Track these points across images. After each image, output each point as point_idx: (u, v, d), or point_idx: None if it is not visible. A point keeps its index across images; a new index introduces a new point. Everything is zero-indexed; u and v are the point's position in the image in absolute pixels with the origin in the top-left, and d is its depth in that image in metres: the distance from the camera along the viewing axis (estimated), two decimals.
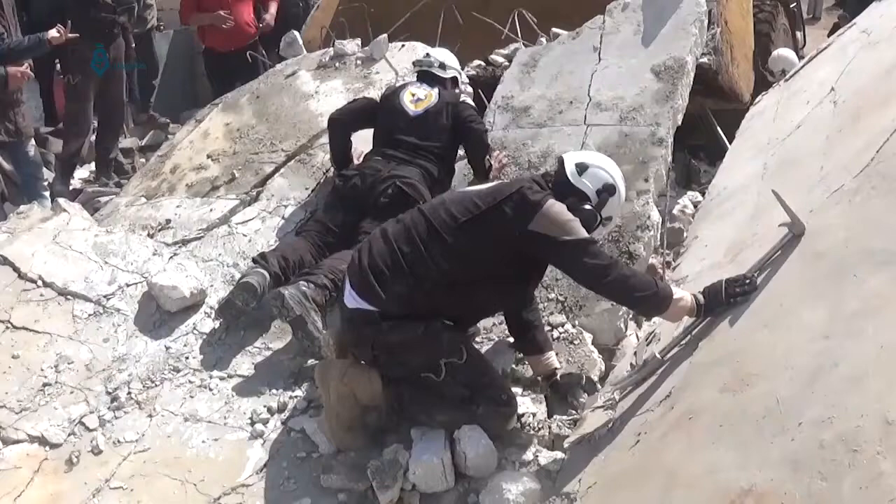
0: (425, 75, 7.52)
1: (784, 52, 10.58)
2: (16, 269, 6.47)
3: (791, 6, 12.87)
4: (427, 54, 7.68)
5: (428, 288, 5.07)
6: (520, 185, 5.20)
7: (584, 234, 4.95)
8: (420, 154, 6.95)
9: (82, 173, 10.55)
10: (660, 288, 4.91)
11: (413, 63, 8.08)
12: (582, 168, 5.28)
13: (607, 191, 5.26)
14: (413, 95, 7.23)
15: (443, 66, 7.49)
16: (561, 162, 5.36)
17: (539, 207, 4.99)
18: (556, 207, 5.00)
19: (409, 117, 7.11)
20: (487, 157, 7.02)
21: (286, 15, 12.15)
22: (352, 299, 5.21)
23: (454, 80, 7.56)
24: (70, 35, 8.46)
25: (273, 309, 6.11)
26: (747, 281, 4.75)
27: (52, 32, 8.25)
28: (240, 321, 6.33)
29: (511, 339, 5.89)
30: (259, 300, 6.24)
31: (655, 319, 5.90)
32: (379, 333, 5.14)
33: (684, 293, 4.92)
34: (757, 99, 8.48)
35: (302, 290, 6.04)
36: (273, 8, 11.69)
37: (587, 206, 5.16)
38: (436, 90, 7.27)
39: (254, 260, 6.51)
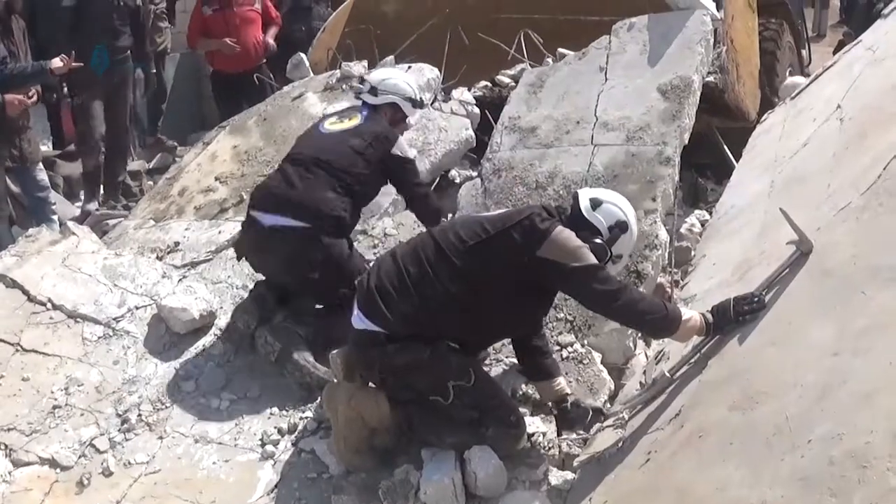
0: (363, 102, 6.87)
1: (797, 80, 10.62)
2: (25, 293, 6.50)
3: (796, 24, 12.88)
4: (361, 77, 7.50)
5: (434, 310, 5.07)
6: (530, 211, 5.20)
7: (592, 260, 4.94)
8: (321, 167, 6.28)
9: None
10: (669, 310, 4.92)
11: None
12: (596, 203, 5.24)
13: (619, 227, 5.23)
14: (336, 119, 6.75)
15: (373, 90, 6.72)
16: (575, 196, 5.35)
17: (548, 234, 4.99)
18: (565, 234, 5.01)
19: (317, 135, 6.61)
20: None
21: (290, 38, 12.19)
22: (359, 320, 5.22)
23: (393, 107, 6.75)
24: (73, 64, 8.48)
25: (260, 349, 6.20)
26: (755, 299, 4.76)
27: (56, 62, 8.23)
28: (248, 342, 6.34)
29: (518, 364, 5.87)
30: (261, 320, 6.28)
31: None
32: (385, 355, 5.14)
33: (693, 313, 4.94)
34: (763, 117, 8.48)
35: (283, 326, 6.14)
36: (272, 31, 11.71)
37: (598, 240, 5.13)
38: (362, 115, 6.64)
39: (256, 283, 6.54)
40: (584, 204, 5.23)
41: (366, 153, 6.32)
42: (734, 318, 4.79)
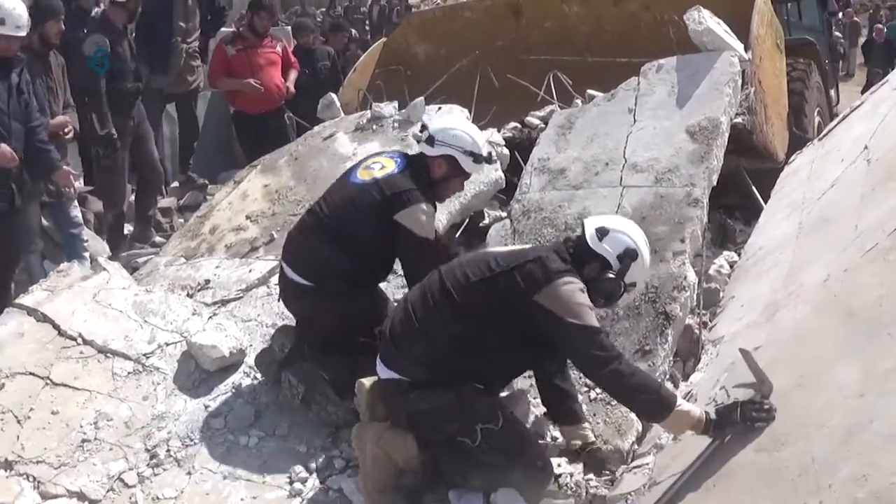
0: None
1: None
2: (56, 327, 6.55)
3: (824, 64, 12.90)
4: (424, 124, 6.60)
5: (444, 350, 5.06)
6: (541, 253, 5.18)
7: (592, 322, 4.85)
8: (330, 230, 6.09)
9: None
10: (663, 394, 4.78)
11: None
12: (602, 233, 5.16)
13: (629, 255, 5.13)
14: (371, 163, 6.32)
15: (430, 139, 6.15)
16: (582, 226, 5.30)
17: (550, 281, 4.93)
18: (570, 286, 4.92)
19: (344, 186, 6.27)
20: None
21: (317, 78, 12.32)
22: (382, 369, 5.24)
23: (449, 160, 6.17)
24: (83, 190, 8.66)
25: (285, 391, 6.22)
26: (766, 407, 4.47)
27: (63, 173, 8.22)
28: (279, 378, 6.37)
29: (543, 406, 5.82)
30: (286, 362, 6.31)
31: (692, 378, 5.91)
32: (409, 403, 5.14)
33: (693, 407, 4.74)
34: (792, 158, 8.50)
35: (307, 368, 6.16)
36: (293, 75, 11.79)
37: (610, 275, 5.08)
38: (397, 163, 6.21)
39: None
40: (590, 234, 5.17)
41: (381, 211, 5.96)
42: (742, 421, 4.51)
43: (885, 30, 27.37)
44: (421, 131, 6.29)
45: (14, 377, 6.18)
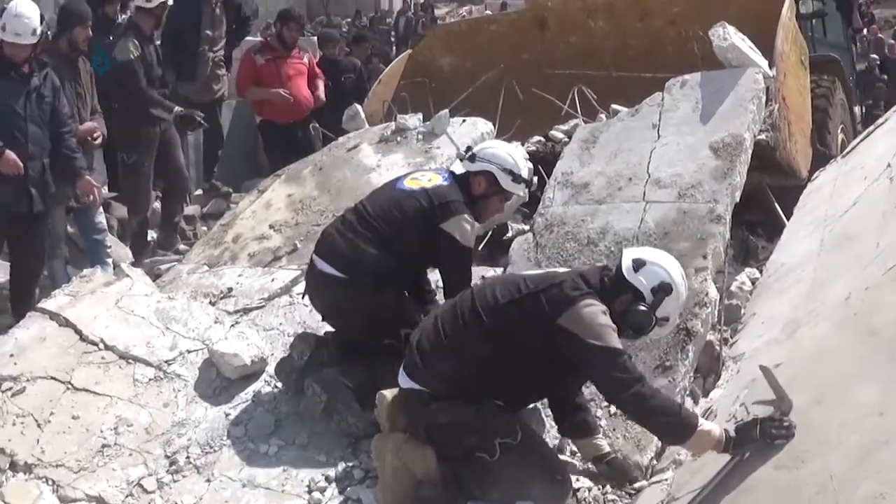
0: None
1: None
2: (78, 332, 6.59)
3: (849, 81, 12.88)
4: (469, 147, 6.68)
5: (471, 368, 5.08)
6: (564, 277, 5.18)
7: (614, 343, 4.84)
8: (371, 229, 6.19)
9: None
10: (684, 415, 4.75)
11: None
12: (639, 264, 5.11)
13: (663, 290, 5.07)
14: (418, 175, 6.56)
15: (472, 156, 6.36)
16: (620, 256, 5.27)
17: (573, 303, 4.94)
18: (592, 308, 4.93)
19: (390, 191, 6.45)
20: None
21: (342, 89, 12.38)
22: (403, 378, 5.26)
23: (488, 177, 6.30)
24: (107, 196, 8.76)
25: (308, 399, 6.23)
26: (786, 424, 4.43)
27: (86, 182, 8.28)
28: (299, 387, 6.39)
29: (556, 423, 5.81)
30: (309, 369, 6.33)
31: (712, 394, 5.91)
32: (428, 414, 5.16)
33: (713, 426, 4.71)
34: (815, 175, 8.49)
35: (331, 377, 6.17)
36: (321, 84, 11.84)
37: (641, 307, 5.03)
38: (443, 176, 6.42)
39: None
40: (626, 264, 5.12)
41: (427, 218, 6.12)
42: (762, 438, 4.48)
43: None
44: (466, 151, 6.49)
45: (35, 381, 6.23)
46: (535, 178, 8.07)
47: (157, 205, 10.58)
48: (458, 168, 6.58)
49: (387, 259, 6.11)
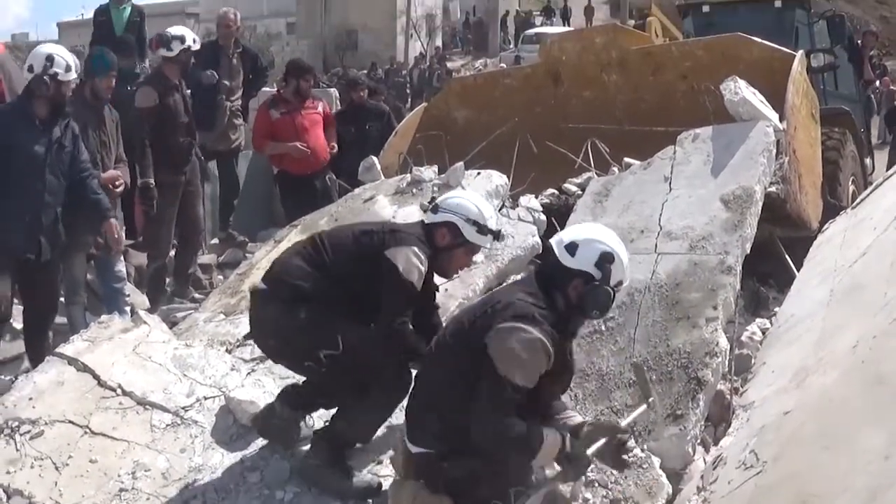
0: None
1: None
2: (96, 377, 6.63)
3: (859, 133, 12.98)
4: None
5: (456, 420, 4.98)
6: (501, 298, 5.15)
7: (519, 380, 4.84)
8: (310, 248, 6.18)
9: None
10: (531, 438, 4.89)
11: None
12: (572, 248, 5.09)
13: (606, 260, 5.04)
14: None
15: (435, 207, 6.08)
16: (550, 249, 5.21)
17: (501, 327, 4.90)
18: (521, 336, 4.86)
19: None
20: None
21: (365, 134, 12.46)
22: (410, 446, 5.25)
23: (451, 228, 5.97)
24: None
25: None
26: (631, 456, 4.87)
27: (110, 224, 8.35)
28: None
29: None
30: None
31: (722, 442, 5.96)
32: (441, 473, 5.12)
33: (553, 443, 4.93)
34: (825, 226, 8.57)
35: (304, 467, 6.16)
36: (332, 132, 11.81)
37: (595, 286, 5.02)
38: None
39: None
40: (561, 254, 5.10)
41: (372, 240, 5.97)
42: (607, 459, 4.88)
43: None
44: (430, 202, 6.22)
45: (53, 425, 6.27)
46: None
47: (172, 253, 10.68)
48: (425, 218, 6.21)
49: (312, 274, 5.96)
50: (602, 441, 5.06)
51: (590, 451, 5.00)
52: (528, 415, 5.17)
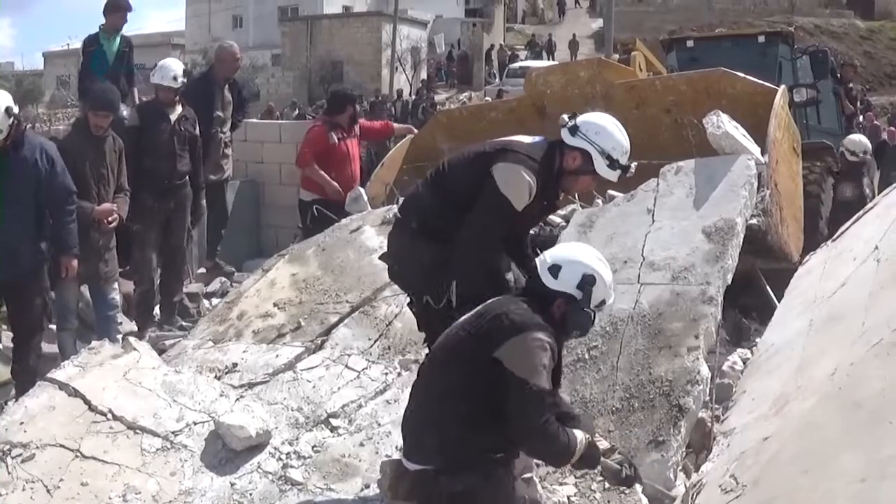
0: None
1: (861, 137, 11.57)
2: (87, 402, 6.68)
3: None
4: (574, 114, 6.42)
5: (456, 435, 4.98)
6: (499, 309, 5.11)
7: (544, 383, 4.87)
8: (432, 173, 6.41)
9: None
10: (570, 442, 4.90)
11: None
12: (555, 270, 5.10)
13: (588, 283, 5.06)
14: None
15: (574, 128, 6.13)
16: (535, 269, 5.23)
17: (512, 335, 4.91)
18: (530, 341, 4.90)
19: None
20: None
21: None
22: (407, 463, 5.20)
23: (584, 155, 6.10)
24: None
25: None
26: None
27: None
28: (305, 461, 6.53)
29: None
30: None
31: (703, 468, 6.05)
32: (439, 490, 5.04)
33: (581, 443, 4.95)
34: (806, 258, 8.67)
35: None
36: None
37: (576, 308, 5.07)
38: (538, 139, 6.38)
39: None
40: (545, 276, 5.12)
41: (482, 157, 6.07)
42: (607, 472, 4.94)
43: None
44: (570, 118, 6.18)
45: (44, 448, 6.32)
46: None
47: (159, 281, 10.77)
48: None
49: (431, 197, 6.13)
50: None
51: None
52: None
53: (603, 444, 5.40)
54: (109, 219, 8.92)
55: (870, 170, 12.70)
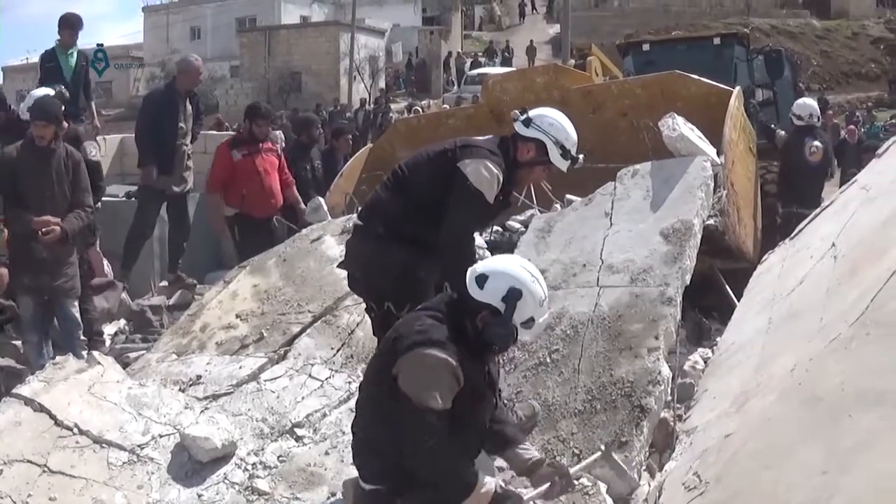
0: None
1: (809, 100, 11.68)
2: (52, 417, 6.66)
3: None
4: (524, 108, 6.67)
5: (391, 456, 4.94)
6: (404, 325, 5.12)
7: (436, 404, 4.79)
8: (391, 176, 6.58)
9: (110, 329, 10.76)
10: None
11: None
12: (482, 280, 5.01)
13: (513, 296, 4.95)
14: None
15: (528, 121, 6.34)
16: (464, 277, 5.14)
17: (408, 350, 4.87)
18: (426, 356, 4.83)
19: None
20: None
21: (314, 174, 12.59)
22: (362, 483, 5.19)
23: (539, 146, 6.35)
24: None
25: None
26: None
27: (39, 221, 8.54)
28: (271, 471, 6.54)
29: None
30: None
31: (666, 467, 6.10)
32: None
33: (490, 486, 4.91)
34: (764, 257, 8.76)
35: None
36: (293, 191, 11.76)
37: (495, 322, 4.96)
38: (491, 137, 6.60)
39: None
40: (471, 287, 5.03)
41: (445, 155, 6.21)
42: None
43: (860, 131, 28.11)
44: (521, 112, 6.40)
45: (12, 464, 6.29)
46: None
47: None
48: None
49: (396, 201, 6.22)
50: (546, 485, 5.20)
51: (527, 497, 5.13)
52: (477, 445, 5.28)
53: (531, 455, 5.38)
54: (44, 230, 8.64)
55: (820, 135, 12.60)
